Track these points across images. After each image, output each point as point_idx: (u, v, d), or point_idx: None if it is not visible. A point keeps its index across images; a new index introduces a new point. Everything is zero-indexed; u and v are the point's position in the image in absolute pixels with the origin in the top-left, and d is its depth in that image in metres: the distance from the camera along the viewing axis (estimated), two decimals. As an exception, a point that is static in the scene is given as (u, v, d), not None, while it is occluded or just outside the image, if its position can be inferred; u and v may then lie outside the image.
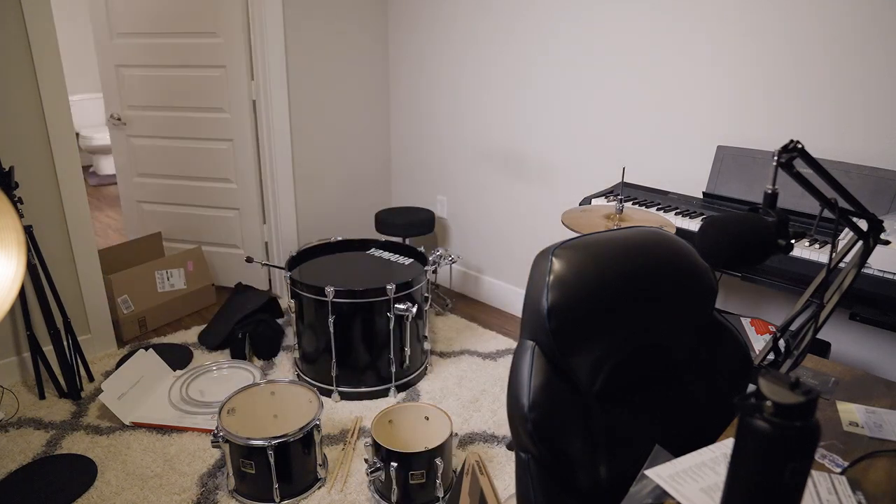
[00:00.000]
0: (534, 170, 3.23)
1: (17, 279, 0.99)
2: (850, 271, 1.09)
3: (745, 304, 2.62)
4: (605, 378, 1.18)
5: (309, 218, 3.57)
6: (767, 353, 1.12)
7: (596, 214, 2.24)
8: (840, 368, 1.38)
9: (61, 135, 2.59)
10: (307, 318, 2.59)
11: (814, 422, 0.66)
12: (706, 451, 1.02)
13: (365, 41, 3.59)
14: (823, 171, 0.98)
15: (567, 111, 3.01)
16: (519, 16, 3.07)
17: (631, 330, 1.19)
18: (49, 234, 2.66)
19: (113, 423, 2.43)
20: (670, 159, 2.71)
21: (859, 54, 2.14)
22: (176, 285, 3.27)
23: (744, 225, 0.95)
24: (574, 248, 1.16)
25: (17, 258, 1.00)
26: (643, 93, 2.72)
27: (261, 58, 3.15)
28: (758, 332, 2.17)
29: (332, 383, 2.60)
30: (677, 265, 1.24)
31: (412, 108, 3.73)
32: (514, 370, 1.15)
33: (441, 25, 3.42)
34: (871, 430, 1.16)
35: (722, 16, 2.43)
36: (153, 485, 2.12)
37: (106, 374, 2.77)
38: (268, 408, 2.23)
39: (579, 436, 1.16)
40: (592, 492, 1.17)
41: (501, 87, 3.24)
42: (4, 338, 2.63)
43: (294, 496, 2.05)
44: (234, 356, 2.92)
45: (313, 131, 3.47)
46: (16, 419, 2.45)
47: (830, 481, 0.99)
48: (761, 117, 2.41)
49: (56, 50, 2.50)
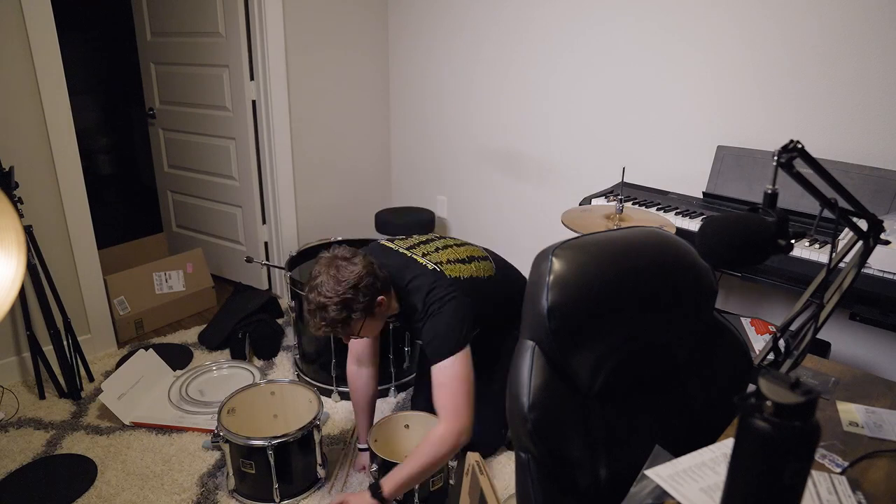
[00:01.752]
0: (534, 170, 3.23)
1: (17, 279, 0.99)
2: (850, 271, 1.09)
3: (745, 304, 2.62)
4: (605, 378, 1.18)
5: (309, 218, 3.57)
6: (767, 353, 1.12)
7: (596, 214, 2.24)
8: (840, 368, 1.38)
9: (61, 135, 2.59)
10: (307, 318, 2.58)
11: (814, 422, 0.66)
12: (706, 451, 1.02)
13: (365, 41, 3.59)
14: (823, 171, 0.97)
15: (567, 111, 3.01)
16: (519, 17, 3.07)
17: (631, 330, 1.19)
18: (49, 234, 2.65)
19: (113, 423, 2.43)
20: (670, 159, 2.71)
21: (860, 54, 2.14)
22: (174, 287, 3.27)
23: (744, 225, 0.95)
24: (574, 248, 1.16)
25: (17, 258, 1.00)
26: (643, 93, 2.72)
27: (261, 58, 3.15)
28: (758, 332, 2.17)
29: (332, 383, 2.60)
30: (677, 265, 1.24)
31: (412, 107, 3.73)
32: (514, 370, 1.15)
33: (442, 26, 3.42)
34: (871, 430, 1.16)
35: (722, 16, 2.43)
36: (153, 485, 2.11)
37: (106, 374, 2.77)
38: (268, 408, 2.23)
39: (579, 436, 1.16)
40: (592, 492, 1.17)
41: (502, 87, 3.24)
42: (4, 338, 2.63)
43: (294, 496, 2.05)
44: (234, 356, 2.92)
45: (313, 131, 3.47)
46: (16, 419, 2.45)
47: (830, 481, 0.99)
48: (761, 117, 2.41)
49: (56, 50, 2.50)
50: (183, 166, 3.70)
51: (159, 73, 3.59)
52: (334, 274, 1.75)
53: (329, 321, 1.75)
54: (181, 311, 3.31)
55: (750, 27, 2.36)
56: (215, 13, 3.16)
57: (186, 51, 3.38)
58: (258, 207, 3.46)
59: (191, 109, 3.51)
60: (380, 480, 1.77)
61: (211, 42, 3.24)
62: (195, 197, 3.72)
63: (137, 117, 5.68)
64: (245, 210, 3.50)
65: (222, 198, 3.57)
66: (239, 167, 3.42)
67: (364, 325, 1.82)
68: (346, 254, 1.80)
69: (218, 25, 3.18)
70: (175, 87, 3.53)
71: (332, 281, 1.74)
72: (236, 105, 3.29)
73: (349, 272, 1.75)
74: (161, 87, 3.61)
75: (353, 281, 1.75)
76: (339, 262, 1.78)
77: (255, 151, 3.36)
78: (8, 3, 2.36)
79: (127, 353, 2.93)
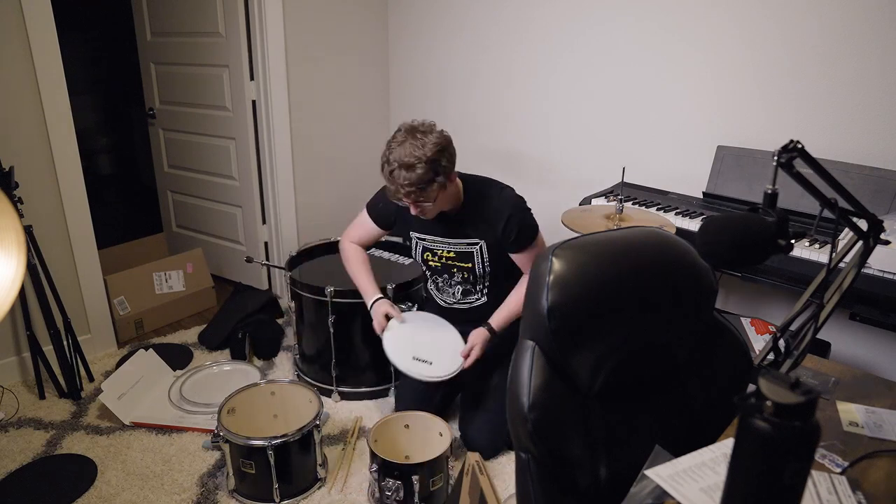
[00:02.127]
0: (534, 170, 3.23)
1: (17, 279, 0.99)
2: (850, 271, 1.09)
3: (745, 304, 2.62)
4: (605, 378, 1.18)
5: (309, 218, 3.57)
6: (767, 353, 1.12)
7: (596, 214, 2.24)
8: (840, 368, 1.38)
9: (61, 135, 2.59)
10: (307, 318, 2.58)
11: (814, 422, 0.66)
12: (706, 451, 1.02)
13: (365, 41, 3.59)
14: (823, 171, 0.98)
15: (567, 111, 3.01)
16: (519, 17, 3.07)
17: (631, 330, 1.19)
18: (49, 234, 2.65)
19: (113, 423, 2.43)
20: (670, 159, 2.71)
21: (860, 54, 2.14)
22: (174, 287, 3.27)
23: (744, 225, 0.95)
24: (574, 248, 1.16)
25: (17, 258, 0.99)
26: (643, 93, 2.72)
27: (261, 58, 3.15)
28: (758, 332, 2.17)
29: (332, 383, 2.60)
30: (677, 265, 1.24)
31: (412, 107, 3.73)
32: (513, 370, 1.15)
33: (442, 26, 3.42)
34: (871, 430, 1.16)
35: (722, 16, 2.43)
36: (153, 485, 2.11)
37: (106, 374, 2.76)
38: (268, 408, 2.23)
39: (579, 436, 1.16)
40: (592, 492, 1.17)
41: (502, 87, 3.24)
42: (4, 338, 2.63)
43: (294, 496, 2.05)
44: (234, 356, 2.91)
45: (313, 131, 3.47)
46: (16, 419, 2.45)
47: (830, 481, 0.99)
48: (761, 117, 2.41)
49: (56, 50, 2.50)
50: (183, 166, 3.70)
51: (159, 73, 3.59)
52: (420, 137, 1.87)
53: (414, 180, 1.85)
54: (181, 311, 3.31)
55: (750, 27, 2.36)
56: (215, 13, 3.15)
57: (186, 51, 3.38)
58: (258, 207, 3.46)
59: (191, 109, 3.51)
60: (488, 320, 2.12)
61: (211, 42, 3.24)
62: (195, 197, 3.72)
63: (137, 117, 5.67)
64: (245, 210, 3.50)
65: (222, 198, 3.57)
66: (239, 167, 3.42)
67: (439, 195, 1.94)
68: (424, 125, 1.92)
69: (218, 25, 3.17)
70: (175, 87, 3.53)
71: (418, 142, 1.85)
72: (236, 105, 3.29)
73: (435, 136, 1.89)
74: (161, 87, 3.61)
75: (443, 143, 1.89)
76: (421, 130, 1.90)
77: (255, 151, 3.36)
78: (8, 3, 2.36)
79: (127, 353, 2.93)
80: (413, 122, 1.94)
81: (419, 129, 1.90)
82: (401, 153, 1.86)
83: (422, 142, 1.86)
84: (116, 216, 5.21)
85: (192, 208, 3.77)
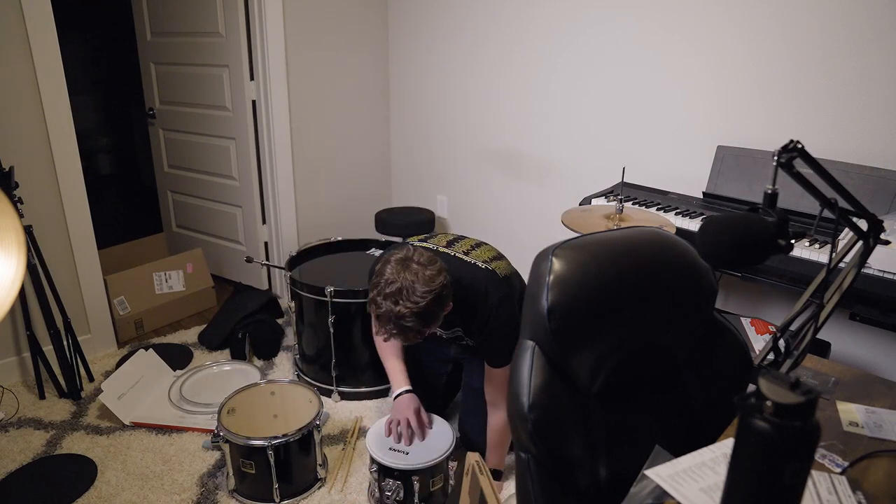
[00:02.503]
0: (533, 170, 3.23)
1: (17, 279, 0.99)
2: (850, 271, 1.09)
3: (745, 304, 2.62)
4: (605, 378, 1.18)
5: (309, 218, 3.57)
6: (767, 353, 1.12)
7: (596, 214, 2.24)
8: (840, 368, 1.38)
9: (61, 135, 2.59)
10: (307, 318, 2.59)
11: (814, 422, 0.66)
12: (706, 451, 1.02)
13: (365, 41, 3.59)
14: (823, 171, 0.97)
15: (567, 111, 3.01)
16: (519, 17, 3.07)
17: (631, 330, 1.19)
18: (49, 234, 2.65)
19: (113, 423, 2.43)
20: (670, 159, 2.71)
21: (860, 54, 2.14)
22: (174, 287, 3.27)
23: (744, 225, 0.95)
24: (574, 248, 1.16)
25: (17, 258, 0.99)
26: (643, 93, 2.72)
27: (261, 58, 3.15)
28: (758, 332, 2.17)
29: (332, 383, 2.60)
30: (677, 265, 1.24)
31: (412, 107, 3.73)
32: (514, 370, 1.15)
33: (442, 26, 3.42)
34: (871, 430, 1.16)
35: (722, 16, 2.42)
36: (153, 485, 2.11)
37: (106, 374, 2.77)
38: (268, 408, 2.23)
39: (579, 436, 1.16)
40: (592, 492, 1.17)
41: (502, 87, 3.24)
42: (4, 338, 2.63)
43: (294, 496, 2.05)
44: (234, 356, 2.91)
45: (313, 131, 3.47)
46: (16, 419, 2.45)
47: (830, 481, 0.99)
48: (761, 117, 2.41)
49: (56, 50, 2.50)
50: (183, 166, 3.70)
51: (159, 73, 3.59)
52: (413, 281, 1.63)
53: (401, 329, 1.66)
54: (181, 311, 3.31)
55: (750, 27, 2.36)
56: (215, 13, 3.16)
57: (186, 51, 3.38)
58: (258, 207, 3.46)
59: (191, 109, 3.51)
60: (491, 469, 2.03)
61: (211, 42, 3.24)
62: (195, 197, 3.72)
63: (137, 117, 5.68)
64: (245, 210, 3.50)
65: (222, 198, 3.57)
66: (239, 167, 3.42)
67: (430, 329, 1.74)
68: (422, 259, 1.69)
69: (218, 25, 3.18)
70: (175, 87, 3.53)
71: (413, 291, 1.63)
72: (236, 105, 3.29)
73: (431, 282, 1.65)
74: (161, 87, 3.61)
75: (438, 290, 1.66)
76: (416, 266, 1.66)
77: (255, 151, 3.36)
78: (8, 3, 2.36)
79: (127, 353, 2.93)
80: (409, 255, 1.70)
81: (415, 269, 1.65)
82: (392, 302, 1.63)
83: (418, 290, 1.63)
84: (116, 216, 5.21)
85: (192, 208, 3.77)
